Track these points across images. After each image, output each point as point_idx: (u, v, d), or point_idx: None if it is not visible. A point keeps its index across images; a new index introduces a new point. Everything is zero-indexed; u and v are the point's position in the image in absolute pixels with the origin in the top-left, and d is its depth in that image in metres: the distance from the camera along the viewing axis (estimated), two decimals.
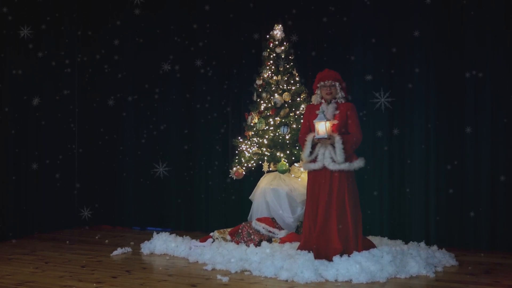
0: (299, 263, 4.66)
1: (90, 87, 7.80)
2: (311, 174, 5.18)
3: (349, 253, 4.85)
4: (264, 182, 6.19)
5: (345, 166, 5.00)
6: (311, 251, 4.90)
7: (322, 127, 4.99)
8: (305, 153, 5.15)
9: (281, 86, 6.27)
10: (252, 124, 6.33)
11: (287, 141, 6.13)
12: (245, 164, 6.27)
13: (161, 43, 7.43)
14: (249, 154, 6.28)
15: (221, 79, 7.10)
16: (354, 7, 6.44)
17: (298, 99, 6.30)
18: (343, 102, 5.21)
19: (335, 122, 5.07)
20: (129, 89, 7.65)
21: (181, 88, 7.34)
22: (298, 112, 6.23)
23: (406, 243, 5.76)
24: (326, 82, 5.18)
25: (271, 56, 6.35)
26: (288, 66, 6.34)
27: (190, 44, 7.25)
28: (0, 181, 6.50)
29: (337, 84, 5.19)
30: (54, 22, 7.22)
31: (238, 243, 5.62)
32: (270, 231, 5.71)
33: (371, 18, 6.34)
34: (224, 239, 5.83)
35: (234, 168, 6.28)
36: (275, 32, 6.37)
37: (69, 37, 7.55)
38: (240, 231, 5.76)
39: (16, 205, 6.68)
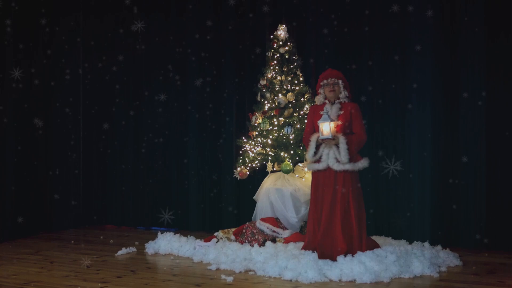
0: (303, 263, 4.68)
1: (93, 91, 7.85)
2: (316, 174, 5.19)
3: (353, 253, 4.86)
4: (268, 182, 6.20)
5: (349, 166, 5.00)
6: (315, 251, 4.91)
7: (326, 127, 5.00)
8: (309, 154, 5.16)
9: (285, 86, 6.27)
10: (256, 124, 6.34)
11: (291, 141, 6.13)
12: (249, 164, 6.28)
13: (164, 42, 7.46)
14: (253, 154, 6.29)
15: (224, 79, 7.11)
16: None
17: (302, 99, 6.30)
18: (346, 102, 5.22)
19: (339, 122, 5.07)
20: (132, 89, 7.69)
21: (185, 89, 7.35)
22: (302, 112, 6.24)
23: (410, 243, 5.75)
24: (329, 80, 5.20)
25: (275, 56, 6.36)
26: (292, 66, 6.35)
27: (195, 44, 7.27)
28: (4, 180, 6.52)
29: (340, 82, 5.20)
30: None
31: (242, 243, 5.64)
32: (274, 231, 5.72)
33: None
34: (228, 239, 5.84)
35: (238, 168, 6.29)
36: (279, 33, 6.38)
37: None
38: (244, 231, 5.78)
39: (21, 205, 6.71)
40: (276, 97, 6.25)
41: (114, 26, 7.68)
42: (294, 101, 6.25)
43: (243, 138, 6.48)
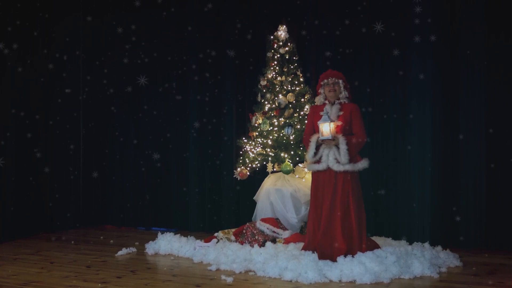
0: (303, 264, 4.68)
1: (93, 96, 7.86)
2: (315, 174, 5.19)
3: (353, 253, 4.86)
4: (269, 183, 6.20)
5: (349, 167, 5.00)
6: (315, 252, 4.91)
7: (326, 128, 5.00)
8: (309, 154, 5.15)
9: (285, 87, 6.27)
10: (256, 124, 6.34)
11: (291, 142, 6.13)
12: (250, 165, 6.28)
13: (165, 43, 7.46)
14: (253, 155, 6.29)
15: (225, 79, 7.11)
16: None
17: (302, 99, 6.30)
18: (346, 102, 5.22)
19: (339, 123, 5.07)
20: (132, 87, 7.69)
21: (187, 89, 7.35)
22: (302, 113, 6.24)
23: (411, 243, 5.75)
24: (329, 79, 5.20)
25: (275, 56, 6.35)
26: (292, 66, 6.35)
27: (194, 44, 7.27)
28: (4, 180, 6.52)
29: (340, 81, 5.20)
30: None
31: (242, 244, 5.64)
32: (274, 232, 5.72)
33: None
34: (229, 239, 5.84)
35: (239, 169, 6.29)
36: (279, 33, 6.38)
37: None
38: (244, 231, 5.77)
39: (21, 205, 6.71)
40: (276, 98, 6.25)
41: (114, 27, 7.69)
42: (294, 101, 6.25)
43: (243, 138, 6.48)
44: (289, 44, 6.36)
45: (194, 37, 7.25)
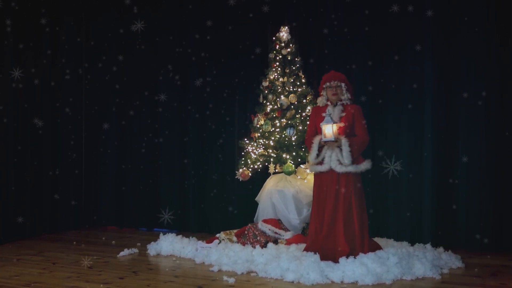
0: (305, 265, 4.67)
1: (93, 91, 7.88)
2: (318, 176, 5.18)
3: (355, 254, 4.85)
4: (270, 184, 6.20)
5: (352, 168, 5.00)
6: (317, 253, 4.91)
7: (329, 130, 4.99)
8: (311, 156, 5.15)
9: (287, 88, 6.28)
10: (258, 125, 6.34)
11: (293, 143, 6.13)
12: (251, 166, 6.28)
13: (165, 43, 7.46)
14: (255, 156, 6.29)
15: (227, 80, 7.11)
16: None
17: (304, 100, 6.31)
18: (348, 103, 5.22)
19: (342, 124, 5.07)
20: (132, 89, 7.70)
21: (186, 89, 7.35)
22: (304, 114, 6.24)
23: (412, 244, 5.75)
24: (332, 82, 5.19)
25: (277, 58, 6.36)
26: (294, 68, 6.35)
27: (196, 45, 7.28)
28: (5, 181, 6.52)
29: (343, 85, 5.19)
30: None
31: (244, 245, 5.64)
32: (276, 233, 5.72)
33: None
34: (230, 240, 5.84)
35: (240, 170, 6.29)
36: (281, 34, 6.38)
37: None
38: (246, 232, 5.78)
39: (22, 206, 6.71)
40: (278, 99, 6.26)
41: (114, 26, 7.70)
42: (296, 102, 6.26)
43: (245, 139, 6.48)
44: (291, 45, 6.37)
45: (195, 38, 7.26)
